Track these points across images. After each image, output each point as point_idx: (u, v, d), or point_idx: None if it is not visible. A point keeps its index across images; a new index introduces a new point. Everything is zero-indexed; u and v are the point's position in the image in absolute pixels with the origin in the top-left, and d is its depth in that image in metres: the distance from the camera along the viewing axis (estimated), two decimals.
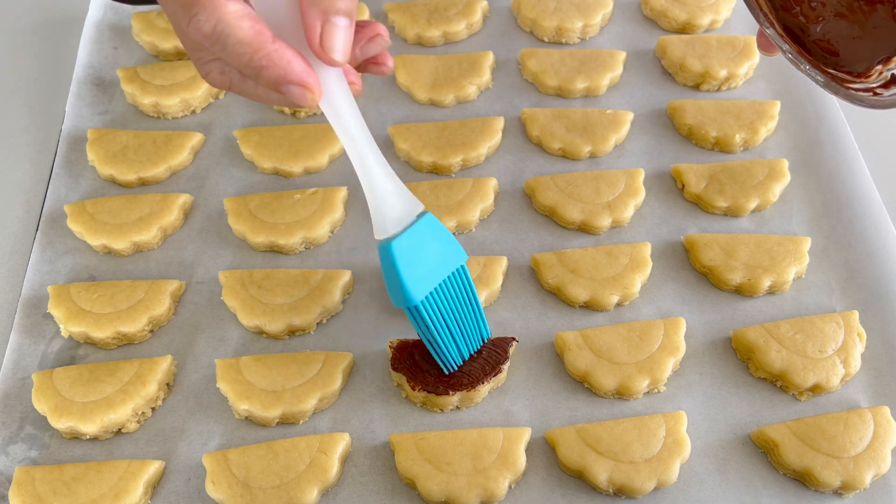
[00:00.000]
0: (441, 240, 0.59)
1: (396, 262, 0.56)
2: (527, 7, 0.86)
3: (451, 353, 0.61)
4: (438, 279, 0.58)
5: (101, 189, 0.76)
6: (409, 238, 0.57)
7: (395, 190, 0.58)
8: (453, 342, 0.61)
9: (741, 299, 0.69)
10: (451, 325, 0.60)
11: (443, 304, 0.59)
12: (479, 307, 0.62)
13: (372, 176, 0.57)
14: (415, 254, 0.57)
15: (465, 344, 0.62)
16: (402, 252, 0.56)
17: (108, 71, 0.84)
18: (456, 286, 0.60)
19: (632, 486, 0.58)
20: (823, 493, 0.60)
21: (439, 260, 0.58)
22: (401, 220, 0.57)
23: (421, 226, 0.58)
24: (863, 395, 0.64)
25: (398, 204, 0.58)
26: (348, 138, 0.56)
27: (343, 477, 0.61)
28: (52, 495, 0.58)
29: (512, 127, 0.80)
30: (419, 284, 0.57)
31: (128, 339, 0.67)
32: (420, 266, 0.57)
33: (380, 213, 0.57)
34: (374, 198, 0.58)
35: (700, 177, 0.75)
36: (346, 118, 0.56)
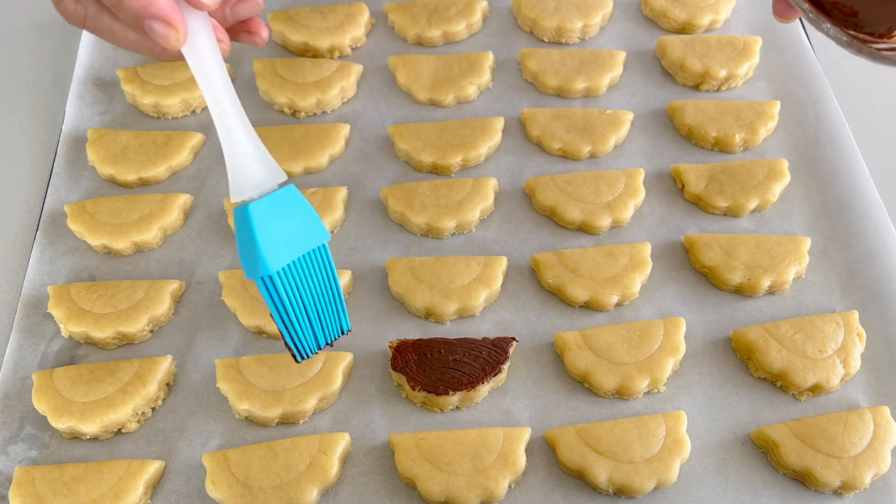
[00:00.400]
0: (302, 214, 0.54)
1: (253, 226, 0.52)
2: (527, 7, 0.86)
3: (306, 336, 0.56)
4: (296, 254, 0.53)
5: (102, 189, 0.76)
6: (269, 204, 0.53)
7: (257, 153, 0.54)
8: (308, 325, 0.56)
9: (741, 299, 0.69)
10: (307, 306, 0.55)
11: (299, 282, 0.54)
12: (338, 292, 0.57)
13: (233, 135, 0.54)
14: (273, 222, 0.53)
15: (321, 330, 0.56)
16: (259, 217, 0.52)
17: (108, 71, 0.84)
18: (315, 265, 0.55)
19: (632, 486, 0.58)
20: (823, 493, 0.60)
21: (299, 234, 0.54)
22: (260, 185, 0.54)
23: (282, 195, 0.54)
24: (863, 395, 0.64)
25: (260, 168, 0.54)
26: (210, 92, 0.53)
27: (343, 477, 0.61)
28: (52, 495, 0.58)
29: (512, 127, 0.80)
30: (276, 254, 0.52)
31: (128, 339, 0.67)
32: (278, 236, 0.53)
33: (239, 174, 0.54)
34: (232, 158, 0.54)
35: (700, 177, 0.75)
36: (209, 69, 0.53)
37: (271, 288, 0.53)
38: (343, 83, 0.81)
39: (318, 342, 0.57)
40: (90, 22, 0.52)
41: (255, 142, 0.55)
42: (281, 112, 0.82)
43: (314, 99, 0.80)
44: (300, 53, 0.86)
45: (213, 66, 0.53)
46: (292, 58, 0.85)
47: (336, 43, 0.84)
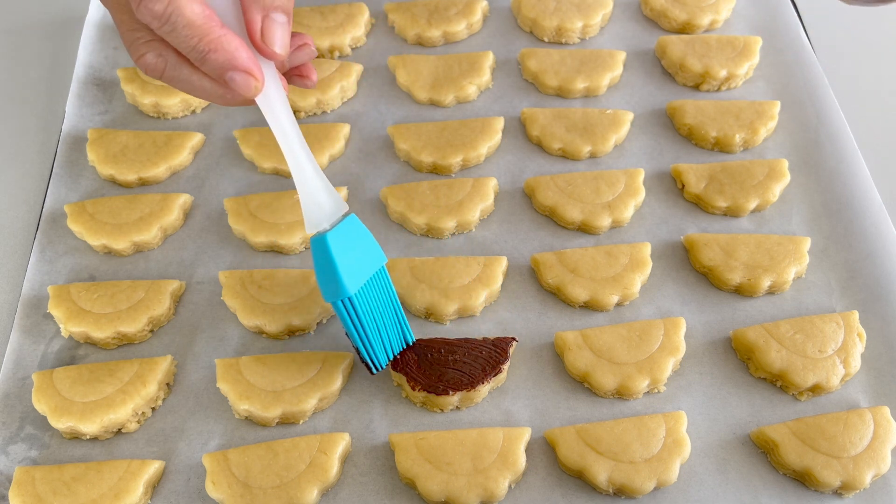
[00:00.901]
0: (365, 239, 0.60)
1: (332, 253, 0.57)
2: (527, 7, 0.86)
3: (378, 351, 0.62)
4: (366, 276, 0.60)
5: (102, 189, 0.76)
6: (340, 233, 0.59)
7: (325, 188, 0.59)
8: (379, 340, 0.62)
9: (741, 299, 0.69)
10: (378, 322, 0.61)
11: (370, 301, 0.60)
12: (399, 309, 0.63)
13: (304, 173, 0.59)
14: (346, 248, 0.58)
15: (389, 344, 0.63)
16: (336, 244, 0.58)
17: (108, 71, 0.84)
18: (379, 286, 0.61)
19: (632, 486, 0.58)
20: (823, 493, 0.60)
21: (365, 258, 0.60)
22: (331, 216, 0.59)
23: (348, 224, 0.59)
24: (863, 395, 0.64)
25: (328, 201, 0.59)
26: (282, 135, 0.58)
27: (343, 477, 0.61)
28: (52, 495, 0.58)
29: (512, 127, 0.80)
30: (352, 277, 0.58)
31: (128, 339, 0.67)
32: (352, 261, 0.58)
33: (313, 209, 0.59)
34: (306, 194, 0.59)
35: (700, 177, 0.75)
36: (280, 115, 0.58)
37: (350, 309, 0.59)
38: (343, 83, 0.81)
39: (387, 354, 0.63)
40: (168, 73, 0.55)
41: (323, 177, 0.60)
42: None
43: (314, 99, 0.80)
44: None
45: (282, 110, 0.58)
46: None
47: (336, 43, 0.84)
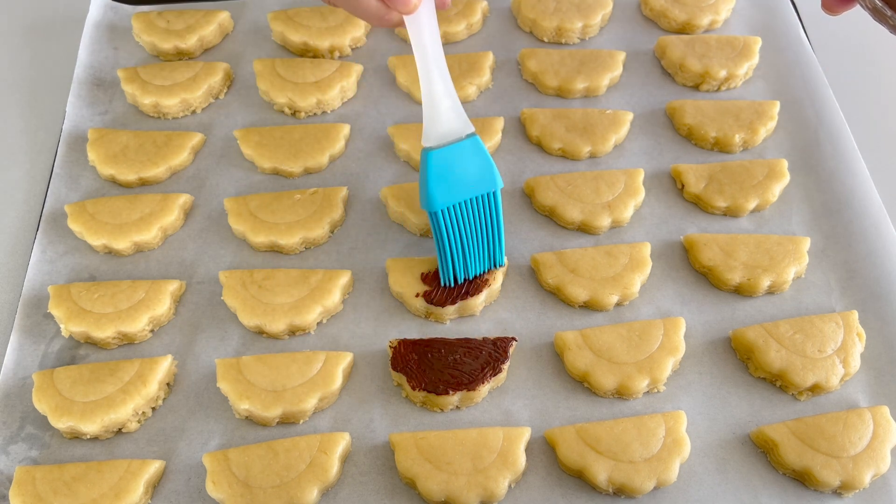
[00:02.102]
0: (479, 163, 0.63)
1: (429, 169, 0.62)
2: (527, 7, 0.86)
3: (457, 267, 0.66)
4: (464, 196, 0.63)
5: (102, 189, 0.76)
6: (449, 152, 0.63)
7: (452, 107, 0.64)
8: (461, 258, 0.66)
9: (741, 299, 0.69)
10: (465, 241, 0.65)
11: (463, 220, 0.64)
12: (500, 233, 0.66)
13: (432, 89, 0.63)
14: (449, 168, 0.62)
15: (473, 263, 0.66)
16: (437, 163, 0.62)
17: (108, 71, 0.84)
18: (480, 207, 0.64)
19: (631, 486, 0.58)
20: (823, 493, 0.60)
21: (471, 180, 0.63)
22: (446, 136, 0.63)
23: (465, 145, 0.63)
24: (862, 395, 0.64)
25: (449, 120, 0.63)
26: (421, 51, 0.63)
27: (343, 476, 0.61)
28: (53, 495, 0.58)
29: (512, 127, 0.80)
30: (443, 196, 0.62)
31: (128, 338, 0.67)
32: (450, 180, 0.62)
33: (430, 123, 0.63)
34: (429, 108, 0.63)
35: (699, 177, 0.75)
36: (424, 33, 0.62)
37: (437, 222, 0.63)
38: (343, 83, 0.81)
39: (467, 272, 0.67)
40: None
41: (453, 98, 0.64)
42: (281, 112, 0.82)
43: (314, 99, 0.80)
44: (300, 53, 0.86)
45: (428, 32, 0.63)
46: (292, 58, 0.85)
47: (336, 43, 0.84)
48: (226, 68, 0.83)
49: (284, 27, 0.85)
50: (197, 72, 0.81)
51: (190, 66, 0.82)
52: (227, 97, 0.83)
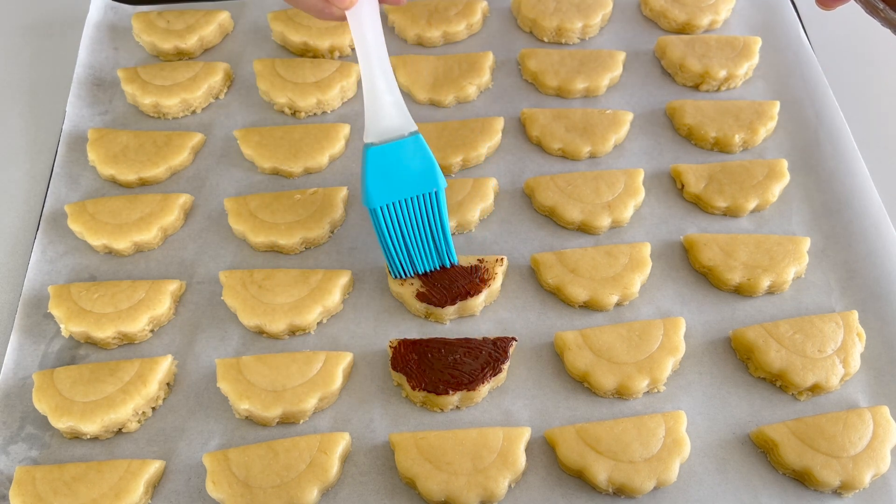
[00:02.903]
0: (421, 162, 0.63)
1: (367, 166, 0.63)
2: (527, 7, 0.86)
3: (402, 262, 0.66)
4: (405, 194, 0.63)
5: (102, 189, 0.76)
6: (389, 150, 0.63)
7: (393, 104, 0.64)
8: (405, 254, 0.66)
9: (741, 299, 0.69)
10: (407, 239, 0.65)
11: (403, 218, 0.64)
12: (444, 231, 0.66)
13: (374, 85, 0.64)
14: (389, 165, 0.63)
15: (420, 259, 0.67)
16: (375, 160, 0.63)
17: (108, 71, 0.84)
18: (421, 207, 0.64)
19: (631, 486, 0.58)
20: (823, 493, 0.60)
21: (412, 179, 0.63)
22: (387, 132, 0.64)
23: (406, 143, 0.64)
24: (862, 395, 0.64)
25: (392, 117, 0.64)
26: (362, 47, 0.64)
27: (343, 476, 0.61)
28: (53, 495, 0.58)
29: (512, 127, 0.80)
30: (382, 192, 0.63)
31: (128, 338, 0.67)
32: (390, 177, 0.63)
33: (371, 120, 0.64)
34: (370, 104, 0.64)
35: (699, 177, 0.75)
36: (366, 30, 0.63)
37: (375, 218, 0.64)
38: (343, 83, 0.81)
39: (415, 269, 0.67)
40: None
41: (395, 95, 0.65)
42: (281, 112, 0.82)
43: (314, 99, 0.80)
44: (300, 53, 0.86)
45: (369, 26, 0.64)
46: (292, 58, 0.85)
47: (336, 43, 0.84)
48: (226, 68, 0.83)
49: (284, 27, 0.85)
50: (197, 72, 0.81)
51: (190, 66, 0.82)
52: (227, 97, 0.83)
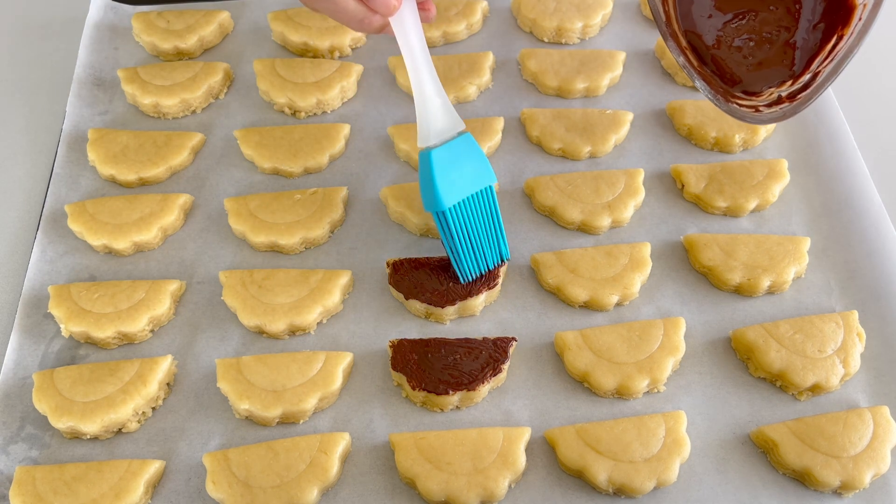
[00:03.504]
0: (475, 159, 0.65)
1: (433, 169, 0.63)
2: (527, 7, 0.86)
3: (469, 263, 0.67)
4: (467, 192, 0.64)
5: (102, 189, 0.76)
6: (448, 150, 0.64)
7: (443, 105, 0.65)
8: (472, 254, 0.66)
9: (741, 299, 0.69)
10: (472, 237, 0.66)
11: (468, 216, 0.65)
12: (500, 226, 0.67)
13: (424, 89, 0.65)
14: (450, 165, 0.64)
15: (483, 258, 0.67)
16: (439, 161, 0.63)
17: (108, 71, 0.84)
18: (481, 203, 0.66)
19: (631, 486, 0.58)
20: (823, 493, 0.60)
21: (471, 176, 0.65)
22: (442, 133, 0.65)
23: (459, 142, 0.65)
24: (862, 395, 0.64)
25: (442, 118, 0.65)
26: (409, 52, 0.64)
27: (343, 476, 0.61)
28: (53, 495, 0.58)
29: (512, 127, 0.80)
30: (450, 192, 0.63)
31: (128, 338, 0.67)
32: (453, 177, 0.64)
33: (425, 124, 0.65)
34: (422, 109, 0.65)
35: (700, 177, 0.75)
36: (411, 35, 0.64)
37: (444, 221, 0.64)
38: (343, 83, 0.81)
39: (479, 267, 0.67)
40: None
41: (443, 97, 0.66)
42: (281, 112, 0.82)
43: (314, 99, 0.80)
44: (300, 53, 0.86)
45: (413, 31, 0.64)
46: (292, 58, 0.85)
47: (336, 43, 0.84)
48: (226, 68, 0.83)
49: (284, 27, 0.85)
50: (197, 72, 0.81)
51: (190, 66, 0.82)
52: (227, 97, 0.83)
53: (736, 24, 0.67)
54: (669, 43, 0.68)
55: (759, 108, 0.66)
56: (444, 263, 0.68)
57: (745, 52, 0.67)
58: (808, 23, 0.65)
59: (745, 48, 0.67)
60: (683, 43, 0.68)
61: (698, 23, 0.68)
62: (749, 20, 0.67)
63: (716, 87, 0.67)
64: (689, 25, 0.68)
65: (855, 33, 0.61)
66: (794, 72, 0.66)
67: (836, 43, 0.64)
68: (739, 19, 0.67)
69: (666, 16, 0.68)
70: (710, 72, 0.68)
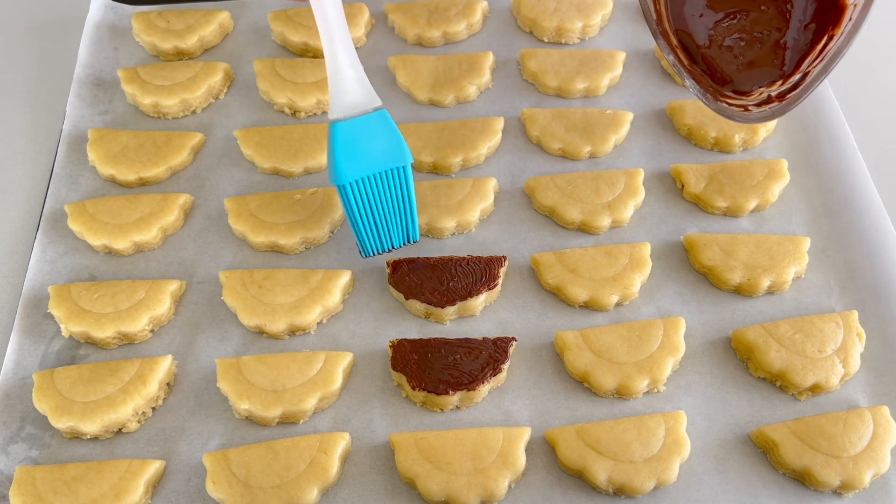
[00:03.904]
0: (386, 137, 0.64)
1: (335, 142, 0.62)
2: (527, 7, 0.86)
3: (370, 239, 0.67)
4: (373, 170, 0.63)
5: (102, 189, 0.76)
6: (355, 125, 0.63)
7: (357, 79, 0.64)
8: (374, 231, 0.66)
9: (741, 299, 0.69)
10: (377, 215, 0.65)
11: (373, 193, 0.64)
12: (412, 208, 0.67)
13: (337, 61, 0.64)
14: (356, 141, 0.63)
15: (387, 237, 0.67)
16: (344, 135, 0.62)
17: (108, 71, 0.84)
18: (390, 182, 0.65)
19: (631, 486, 0.58)
20: (823, 493, 0.60)
21: (380, 154, 0.63)
22: (352, 107, 0.64)
23: (371, 119, 0.63)
24: (862, 395, 0.64)
25: (355, 92, 0.64)
26: (323, 22, 0.63)
27: (343, 476, 0.61)
28: (53, 495, 0.58)
29: (512, 127, 0.80)
30: (350, 168, 0.63)
31: (128, 338, 0.67)
32: (357, 153, 0.63)
33: (336, 96, 0.64)
34: (334, 80, 0.64)
35: (700, 177, 0.75)
36: (326, 3, 0.63)
37: (345, 194, 0.63)
38: None
39: (382, 245, 0.68)
40: None
41: (358, 70, 0.65)
42: (281, 112, 0.82)
43: (314, 99, 0.80)
44: (300, 53, 0.86)
45: (330, 2, 0.63)
46: (292, 58, 0.85)
47: None
48: (226, 68, 0.83)
49: (284, 27, 0.85)
50: (197, 72, 0.81)
51: (190, 66, 0.82)
52: (227, 97, 0.83)
53: (727, 24, 0.67)
54: (660, 42, 0.68)
55: (748, 107, 0.66)
56: (445, 263, 0.68)
57: (736, 52, 0.67)
58: (799, 23, 0.65)
59: (736, 48, 0.67)
60: (674, 42, 0.69)
61: (690, 22, 0.68)
62: (740, 20, 0.67)
63: (705, 87, 0.67)
64: (681, 24, 0.68)
65: (845, 33, 0.61)
66: (784, 72, 0.66)
67: (827, 43, 0.64)
68: (731, 19, 0.67)
69: (657, 15, 0.68)
70: (700, 71, 0.68)
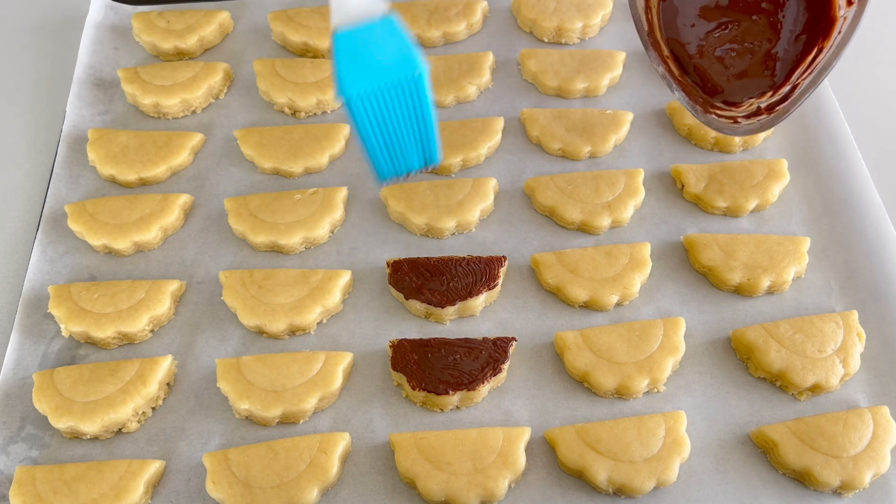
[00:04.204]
0: (396, 45, 0.57)
1: (338, 52, 0.56)
2: (527, 7, 0.86)
3: (385, 160, 0.60)
4: (381, 81, 0.56)
5: (102, 189, 0.76)
6: (361, 34, 0.56)
7: None
8: (388, 151, 0.60)
9: (741, 299, 0.69)
10: (390, 132, 0.59)
11: (384, 108, 0.58)
12: (430, 124, 0.60)
13: None
14: (362, 51, 0.56)
15: (403, 157, 0.61)
16: (346, 45, 0.56)
17: (108, 71, 0.84)
18: (404, 95, 0.58)
19: (631, 486, 0.58)
20: (823, 493, 0.60)
21: (390, 64, 0.56)
22: (359, 15, 0.57)
23: (379, 27, 0.57)
24: (862, 395, 0.64)
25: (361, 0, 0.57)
26: None
27: (343, 476, 0.61)
28: (53, 495, 0.58)
29: (512, 127, 0.80)
30: (356, 81, 0.56)
31: (128, 338, 0.67)
32: (365, 64, 0.56)
33: (339, 4, 0.57)
34: None
35: (700, 177, 0.75)
36: None
37: (354, 110, 0.57)
38: None
39: (398, 167, 0.61)
40: None
41: None
42: (281, 112, 0.82)
43: (314, 99, 0.80)
44: (300, 53, 0.86)
45: None
46: (292, 58, 0.85)
47: None
48: (226, 68, 0.83)
49: (284, 27, 0.85)
50: (197, 72, 0.81)
51: (190, 66, 0.82)
52: (227, 97, 0.83)
53: (719, 34, 0.67)
54: (650, 52, 0.68)
55: (737, 118, 0.66)
56: (445, 263, 0.68)
57: (727, 62, 0.67)
58: (790, 33, 0.65)
59: (727, 58, 0.67)
60: (665, 52, 0.69)
61: (682, 31, 0.68)
62: (732, 30, 0.67)
63: (695, 98, 0.67)
64: (673, 34, 0.68)
65: (834, 46, 0.62)
66: (774, 82, 0.66)
67: (816, 55, 0.64)
68: (722, 29, 0.67)
69: (649, 25, 0.68)
70: (691, 81, 0.68)
